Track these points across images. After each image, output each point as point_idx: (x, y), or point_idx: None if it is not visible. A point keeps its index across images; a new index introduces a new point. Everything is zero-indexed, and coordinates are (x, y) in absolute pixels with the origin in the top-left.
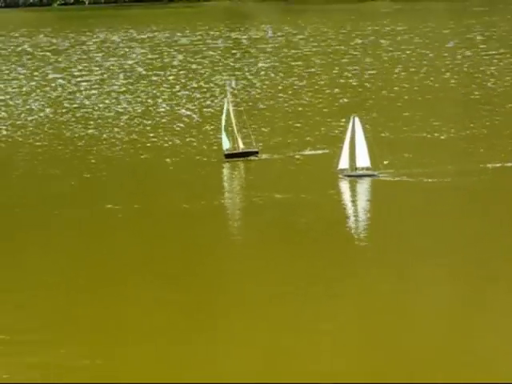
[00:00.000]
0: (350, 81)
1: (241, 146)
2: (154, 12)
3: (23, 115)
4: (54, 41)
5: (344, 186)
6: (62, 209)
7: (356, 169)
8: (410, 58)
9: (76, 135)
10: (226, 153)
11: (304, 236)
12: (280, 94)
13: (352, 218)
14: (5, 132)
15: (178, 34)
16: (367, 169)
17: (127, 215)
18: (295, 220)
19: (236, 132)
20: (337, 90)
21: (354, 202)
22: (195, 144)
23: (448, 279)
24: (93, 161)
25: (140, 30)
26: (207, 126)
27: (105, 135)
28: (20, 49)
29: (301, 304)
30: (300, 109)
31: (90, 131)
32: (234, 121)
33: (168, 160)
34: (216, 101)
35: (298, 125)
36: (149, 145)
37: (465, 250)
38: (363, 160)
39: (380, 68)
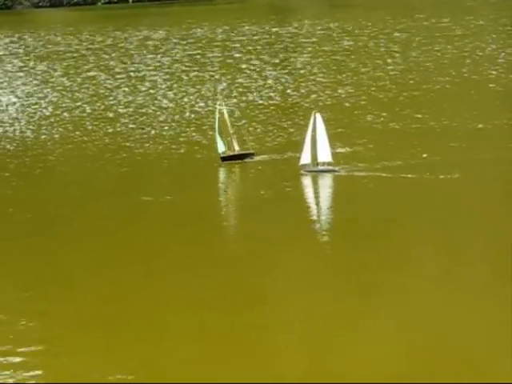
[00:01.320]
0: (390, 74)
1: (236, 148)
2: (197, 9)
3: (65, 112)
4: (97, 39)
5: (306, 180)
6: (100, 202)
7: (317, 164)
8: (451, 51)
9: (116, 131)
10: (222, 155)
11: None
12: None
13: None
14: (48, 129)
15: (220, 31)
16: (328, 164)
17: (161, 207)
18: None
19: (231, 134)
20: (374, 83)
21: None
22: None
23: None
24: (130, 155)
25: (182, 27)
26: (244, 121)
27: (143, 131)
28: (63, 47)
29: (339, 300)
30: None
31: (129, 127)
32: (228, 123)
33: (199, 156)
34: (251, 97)
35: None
36: (183, 140)
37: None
38: (325, 155)
39: (415, 62)
